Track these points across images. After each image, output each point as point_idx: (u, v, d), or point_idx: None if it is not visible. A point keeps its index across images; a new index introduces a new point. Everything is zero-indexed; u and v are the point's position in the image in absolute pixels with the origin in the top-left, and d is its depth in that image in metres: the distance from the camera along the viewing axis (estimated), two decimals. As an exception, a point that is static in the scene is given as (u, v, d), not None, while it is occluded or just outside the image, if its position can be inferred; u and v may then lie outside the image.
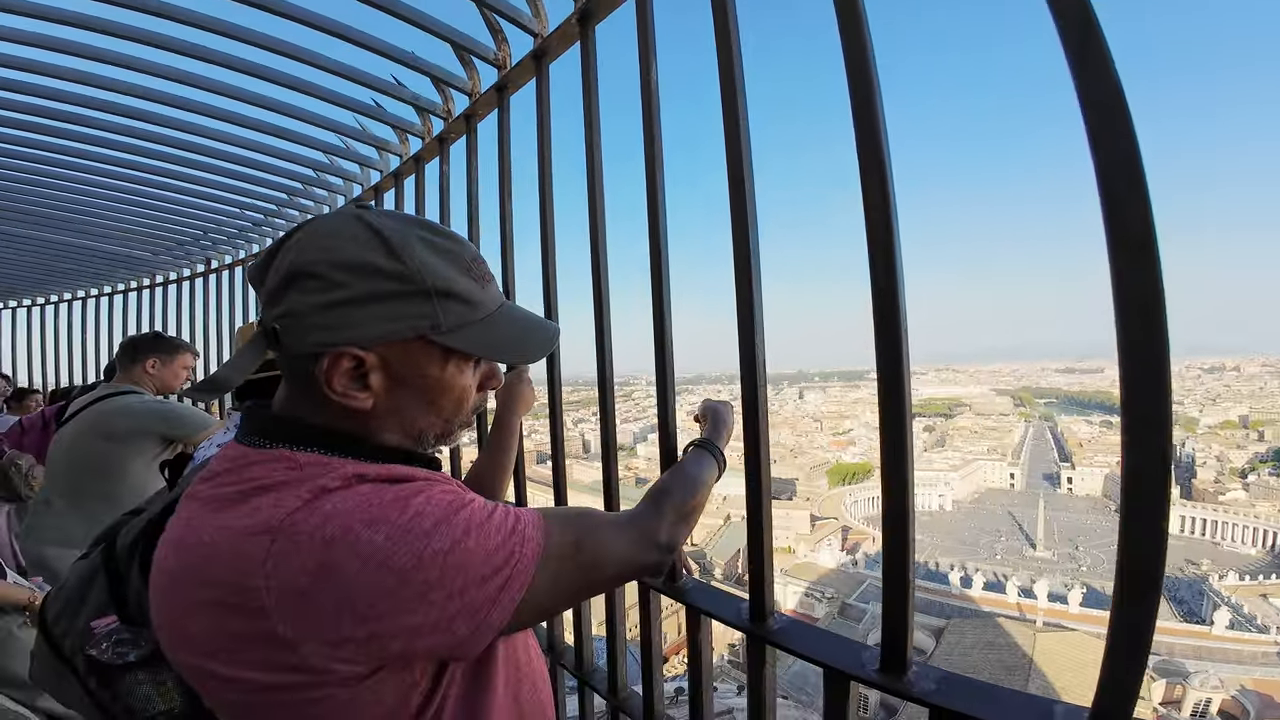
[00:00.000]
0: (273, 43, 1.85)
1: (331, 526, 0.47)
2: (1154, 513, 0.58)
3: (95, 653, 0.57)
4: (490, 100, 1.73)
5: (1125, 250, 0.57)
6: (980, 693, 0.73)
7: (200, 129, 2.58)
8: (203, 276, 4.47)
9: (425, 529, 0.49)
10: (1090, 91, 0.58)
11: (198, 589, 0.49)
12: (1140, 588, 0.59)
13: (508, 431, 1.32)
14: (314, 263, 0.52)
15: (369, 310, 0.53)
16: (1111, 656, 0.62)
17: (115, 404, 2.02)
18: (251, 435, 0.58)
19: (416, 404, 0.59)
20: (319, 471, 0.53)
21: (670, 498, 0.72)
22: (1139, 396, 0.58)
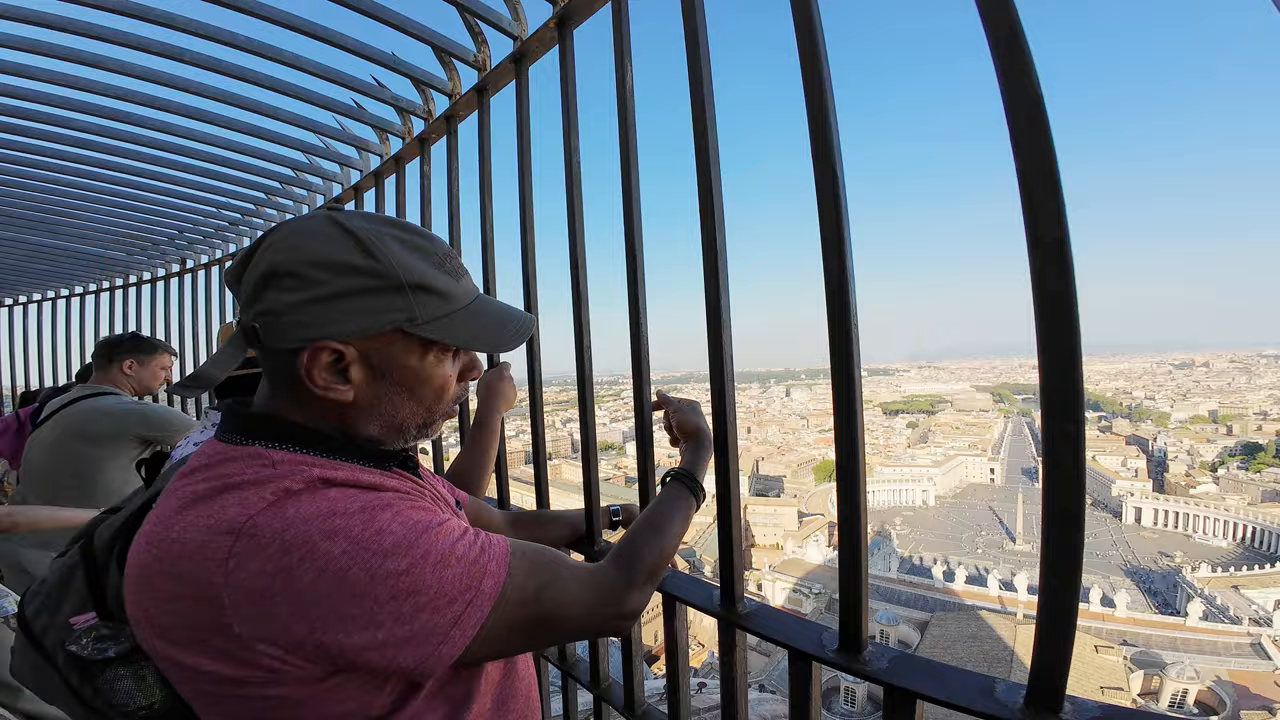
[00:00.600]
0: (250, 44, 1.84)
1: (292, 533, 0.49)
2: (1070, 502, 0.62)
3: (75, 648, 0.58)
4: (470, 102, 1.75)
5: (1040, 249, 0.62)
6: (928, 670, 0.78)
7: (176, 129, 2.55)
8: (178, 276, 4.39)
9: (385, 547, 0.50)
10: (1014, 98, 0.63)
11: (166, 582, 0.50)
12: (1062, 569, 0.64)
13: (488, 429, 1.34)
14: (290, 262, 0.55)
15: (345, 305, 0.55)
16: (1041, 635, 0.66)
17: (94, 405, 2.00)
18: (230, 432, 0.60)
19: (397, 395, 0.61)
20: (287, 471, 0.54)
21: (641, 560, 0.71)
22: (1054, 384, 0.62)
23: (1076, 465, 0.62)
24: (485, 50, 1.66)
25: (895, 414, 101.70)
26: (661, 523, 0.80)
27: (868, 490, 0.81)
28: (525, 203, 1.52)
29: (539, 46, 1.44)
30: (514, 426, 33.62)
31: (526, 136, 1.50)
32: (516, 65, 1.50)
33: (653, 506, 0.85)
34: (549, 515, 1.35)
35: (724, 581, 1.00)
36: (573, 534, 1.30)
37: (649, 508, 0.86)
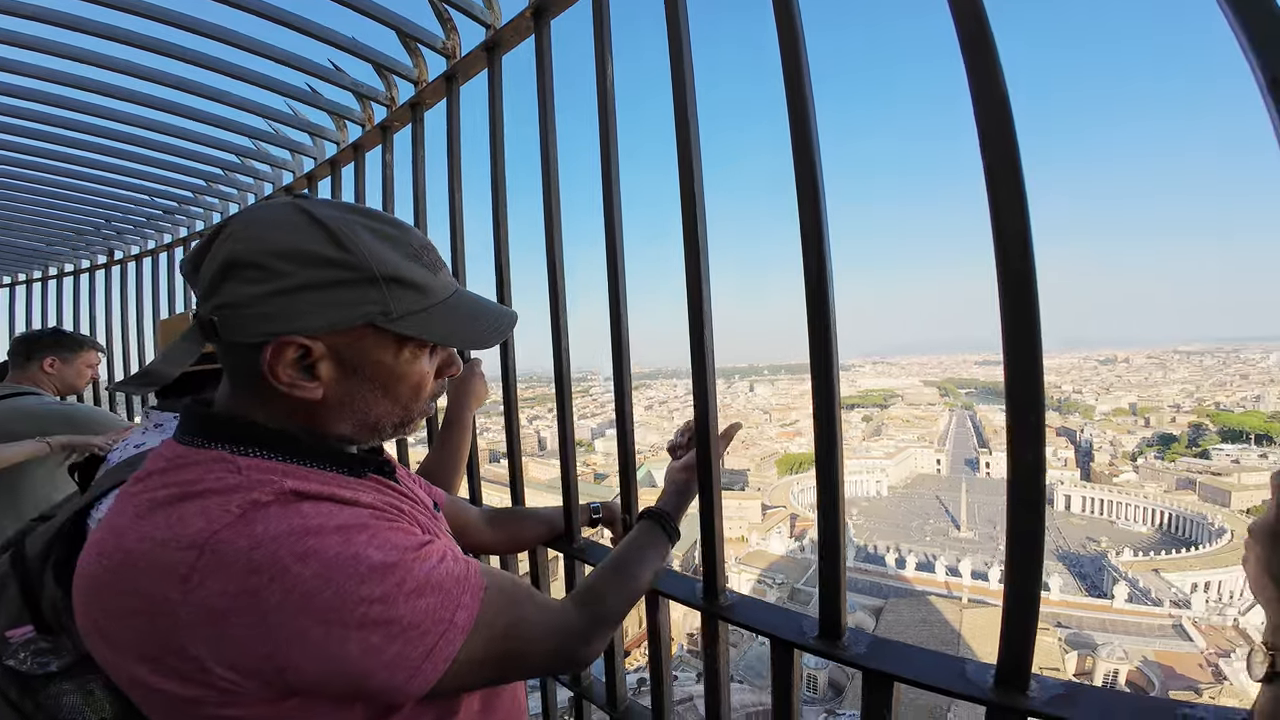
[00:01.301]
0: (190, 21, 1.71)
1: (261, 553, 0.45)
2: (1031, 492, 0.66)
3: (14, 663, 0.54)
4: (439, 90, 1.69)
5: (1003, 243, 0.65)
6: (904, 654, 0.81)
7: (103, 110, 2.33)
8: (105, 268, 4.06)
9: (359, 572, 0.47)
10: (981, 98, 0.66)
11: (119, 596, 0.47)
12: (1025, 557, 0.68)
13: (460, 427, 1.30)
14: (252, 252, 0.51)
15: (313, 298, 0.52)
16: (1007, 619, 0.70)
17: (12, 406, 1.82)
18: (189, 434, 0.55)
19: (371, 393, 0.57)
20: (255, 480, 0.50)
21: (606, 609, 0.71)
22: (1018, 378, 0.66)
23: (1037, 456, 0.65)
24: (455, 38, 1.61)
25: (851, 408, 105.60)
26: (632, 569, 0.80)
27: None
28: (498, 196, 1.48)
29: (513, 36, 1.41)
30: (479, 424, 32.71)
31: (500, 127, 1.46)
32: (489, 54, 1.46)
33: (626, 547, 0.84)
34: (527, 513, 1.32)
35: (706, 575, 1.01)
36: (551, 532, 1.28)
37: (622, 547, 0.85)
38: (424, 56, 1.76)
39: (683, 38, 0.99)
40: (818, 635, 0.87)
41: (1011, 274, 0.64)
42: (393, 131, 1.99)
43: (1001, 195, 0.64)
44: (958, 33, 0.67)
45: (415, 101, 1.79)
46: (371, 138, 2.09)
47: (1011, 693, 0.70)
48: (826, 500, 0.84)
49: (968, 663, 0.77)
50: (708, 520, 1.00)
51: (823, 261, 0.81)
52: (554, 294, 1.29)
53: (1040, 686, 0.70)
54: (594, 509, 1.29)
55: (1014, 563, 0.68)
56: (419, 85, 1.78)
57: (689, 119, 0.97)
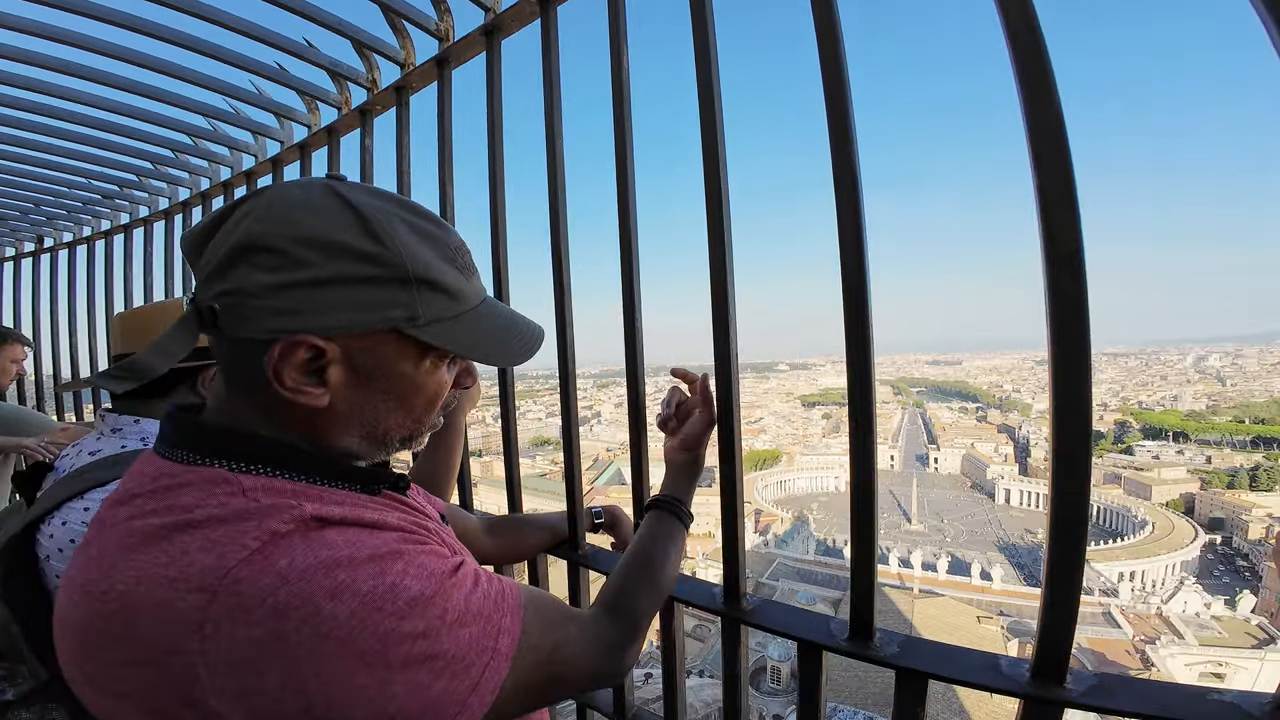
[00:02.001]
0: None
1: (287, 591, 0.40)
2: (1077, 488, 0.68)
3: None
4: (428, 73, 1.60)
5: (1056, 261, 0.66)
6: (937, 653, 0.82)
7: (33, 83, 2.09)
8: (33, 256, 3.69)
9: (399, 607, 0.42)
10: (1035, 117, 0.67)
11: (115, 646, 0.41)
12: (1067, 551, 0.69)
13: (453, 430, 1.23)
14: (274, 235, 0.45)
15: (335, 294, 0.46)
16: (1046, 612, 0.71)
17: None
18: (178, 447, 0.48)
19: (383, 403, 0.52)
20: (267, 505, 0.44)
21: (640, 613, 0.69)
22: (1067, 386, 0.67)
23: (1084, 456, 0.67)
24: (449, 19, 1.53)
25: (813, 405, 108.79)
26: (657, 564, 0.77)
27: (789, 478, 0.85)
28: (496, 190, 1.42)
29: (515, 21, 1.35)
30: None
31: (498, 118, 1.40)
32: (488, 38, 1.39)
33: (644, 542, 0.81)
34: (527, 519, 1.27)
35: (727, 578, 1.00)
36: (553, 539, 1.24)
37: (640, 543, 0.81)
38: (411, 37, 1.67)
39: (709, 32, 0.96)
40: (848, 637, 0.86)
41: (1063, 295, 0.65)
42: (373, 116, 1.88)
43: (1057, 218, 0.65)
44: (1011, 51, 0.67)
45: (400, 85, 1.70)
46: (348, 121, 1.97)
47: (1049, 685, 0.71)
48: (860, 504, 0.84)
49: (1001, 658, 0.78)
50: (730, 523, 0.98)
51: (862, 269, 0.81)
52: (559, 293, 1.25)
53: (1075, 679, 0.71)
54: (595, 513, 1.26)
55: (1054, 557, 0.69)
56: (405, 68, 1.68)
57: (715, 117, 0.95)
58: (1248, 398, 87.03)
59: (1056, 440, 0.67)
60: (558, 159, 1.24)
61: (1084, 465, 0.66)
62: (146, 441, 1.02)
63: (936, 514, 60.03)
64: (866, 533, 0.84)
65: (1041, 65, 0.65)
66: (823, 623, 0.91)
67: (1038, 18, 0.66)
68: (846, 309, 0.82)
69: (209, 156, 2.68)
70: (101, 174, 2.86)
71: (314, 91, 2.04)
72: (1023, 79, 0.66)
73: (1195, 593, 30.23)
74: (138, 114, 2.34)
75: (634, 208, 1.10)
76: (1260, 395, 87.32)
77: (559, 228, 1.24)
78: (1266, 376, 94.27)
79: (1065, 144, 0.65)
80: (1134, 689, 0.69)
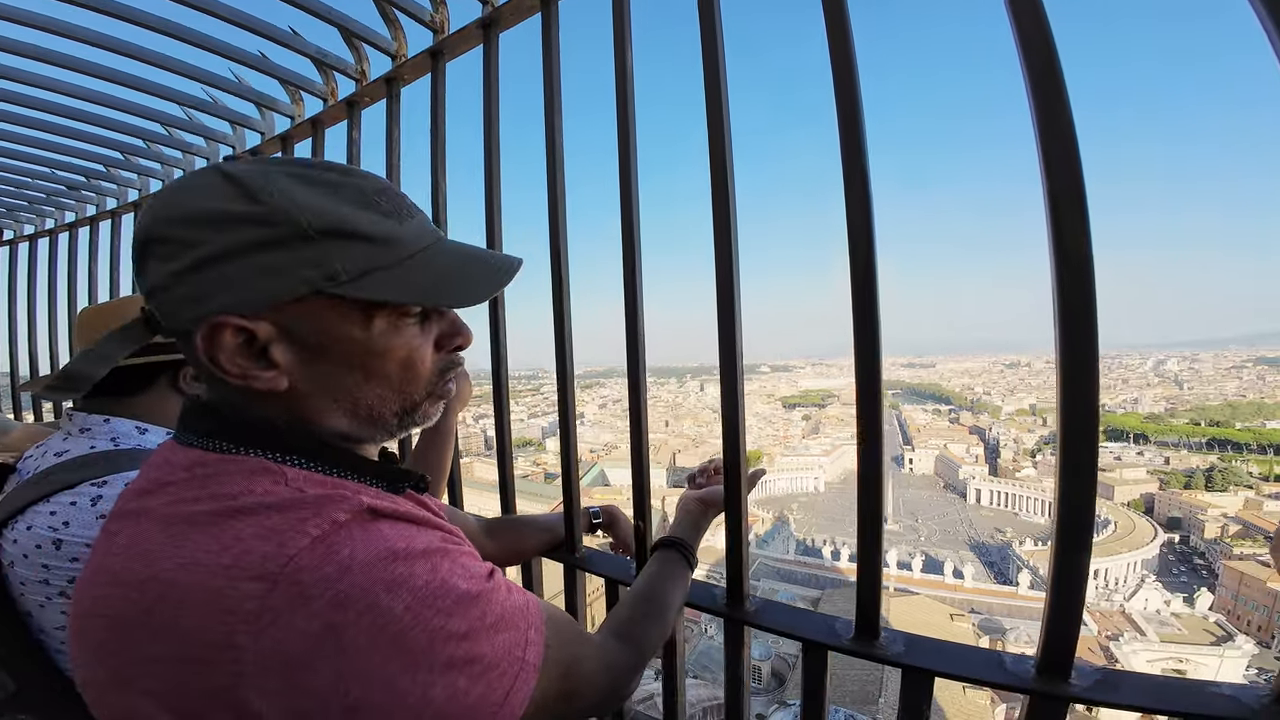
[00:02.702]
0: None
1: (348, 582, 0.38)
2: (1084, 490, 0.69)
3: None
4: (421, 65, 1.56)
5: (1066, 266, 0.67)
6: (940, 651, 0.82)
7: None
8: (-12, 248, 3.50)
9: (448, 605, 0.41)
10: (1046, 123, 0.68)
11: (154, 639, 0.38)
12: (1073, 548, 0.70)
13: (442, 431, 1.20)
14: (162, 223, 0.43)
15: (235, 268, 0.42)
16: (1051, 609, 0.72)
17: None
18: (210, 436, 0.46)
19: (349, 376, 0.47)
20: (317, 495, 0.43)
21: (647, 645, 0.69)
22: (1075, 390, 0.68)
23: (1091, 459, 0.68)
24: (444, 11, 1.49)
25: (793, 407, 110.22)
26: (664, 600, 0.79)
27: (769, 479, 0.86)
28: (491, 183, 1.39)
29: (513, 15, 1.32)
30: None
31: (495, 113, 1.37)
32: (485, 31, 1.37)
33: (653, 579, 0.82)
34: (525, 521, 1.25)
35: (730, 579, 0.99)
36: (552, 541, 1.22)
37: (649, 579, 0.82)
38: (403, 28, 1.63)
39: (717, 33, 0.96)
40: (853, 636, 0.87)
41: (1070, 304, 0.66)
42: (360, 107, 1.83)
43: (1067, 225, 0.66)
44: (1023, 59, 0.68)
45: (391, 76, 1.65)
46: (334, 113, 1.92)
47: (1055, 681, 0.72)
48: (866, 507, 0.84)
49: (1005, 655, 0.79)
50: (734, 525, 0.97)
51: (871, 276, 0.81)
52: (557, 293, 1.23)
53: (1079, 674, 0.72)
54: (593, 513, 1.24)
55: (1060, 557, 0.70)
56: (397, 59, 1.64)
57: (723, 117, 0.94)
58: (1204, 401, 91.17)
59: (1064, 443, 0.68)
60: (557, 156, 1.22)
61: (1090, 468, 0.67)
62: (118, 442, 0.97)
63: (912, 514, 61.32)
64: (873, 535, 0.84)
65: (1054, 75, 0.66)
66: (827, 623, 0.91)
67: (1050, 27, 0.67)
68: (856, 317, 0.82)
69: (183, 147, 2.58)
70: (67, 164, 2.73)
71: (298, 81, 1.98)
72: (1034, 87, 0.67)
73: (1156, 590, 31.47)
74: (107, 101, 2.23)
75: (637, 206, 1.09)
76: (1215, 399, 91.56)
77: (558, 226, 1.22)
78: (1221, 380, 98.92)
79: (1076, 151, 0.66)
80: (1136, 683, 0.70)
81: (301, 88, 1.99)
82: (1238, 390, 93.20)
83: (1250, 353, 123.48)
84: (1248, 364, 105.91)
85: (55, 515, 0.84)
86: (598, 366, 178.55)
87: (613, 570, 1.17)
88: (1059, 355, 0.68)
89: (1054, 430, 0.66)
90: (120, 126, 2.42)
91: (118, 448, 0.96)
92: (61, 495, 0.86)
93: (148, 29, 1.73)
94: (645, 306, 1.11)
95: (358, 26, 1.65)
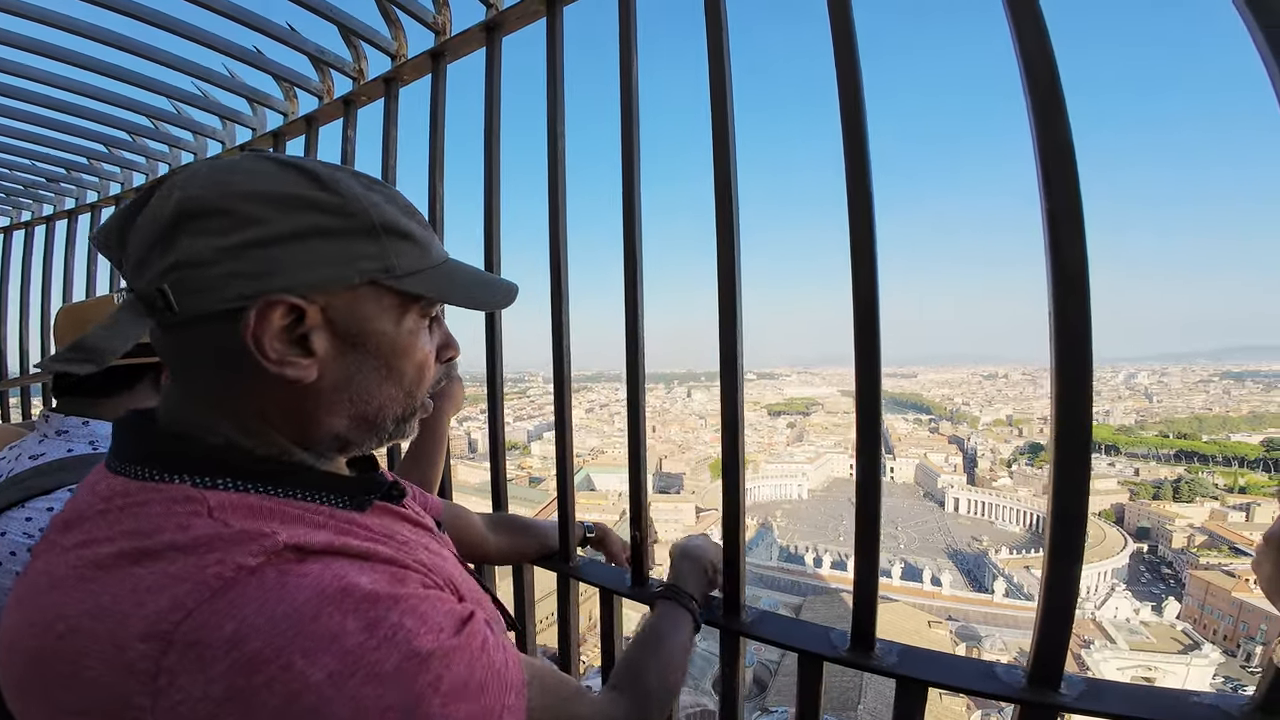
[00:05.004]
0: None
1: (254, 644, 0.33)
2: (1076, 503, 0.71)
3: None
4: (420, 66, 1.56)
5: (1063, 284, 0.69)
6: (933, 661, 0.84)
7: None
8: (-42, 237, 3.37)
9: (388, 669, 0.35)
10: (1045, 141, 0.70)
11: (63, 686, 0.36)
12: (1065, 560, 0.72)
13: (436, 436, 1.18)
14: (217, 196, 0.40)
15: (301, 249, 0.41)
16: (1042, 620, 0.74)
17: None
18: (133, 461, 0.43)
19: (374, 372, 0.47)
20: (236, 530, 0.38)
21: (654, 690, 0.67)
22: (1069, 404, 0.70)
23: (1084, 472, 0.70)
24: (447, 13, 1.49)
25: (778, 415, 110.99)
26: (669, 657, 0.76)
27: (754, 485, 0.87)
28: (491, 187, 1.38)
29: (518, 19, 1.33)
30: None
31: (496, 117, 1.37)
32: (488, 34, 1.37)
33: (656, 630, 0.79)
34: (531, 525, 1.24)
35: (727, 591, 0.99)
36: (545, 549, 1.21)
37: (651, 629, 0.80)
38: (403, 27, 1.62)
39: (723, 36, 0.97)
40: (849, 648, 0.87)
41: (1066, 321, 0.69)
42: (357, 106, 1.81)
43: (1065, 241, 0.68)
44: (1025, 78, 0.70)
45: (390, 76, 1.64)
46: (329, 111, 1.90)
47: (1045, 690, 0.74)
48: (864, 519, 0.85)
49: (996, 665, 0.80)
50: (731, 536, 0.98)
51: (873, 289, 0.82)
52: (556, 299, 1.23)
53: (1067, 684, 0.74)
54: (587, 528, 1.24)
55: (1052, 568, 0.72)
56: (397, 59, 1.63)
57: (727, 124, 0.96)
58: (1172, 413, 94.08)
59: (1058, 456, 0.70)
60: (559, 161, 1.22)
61: (1083, 480, 0.69)
62: (97, 445, 0.94)
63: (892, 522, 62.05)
64: (870, 547, 0.86)
65: (1055, 95, 0.68)
66: (823, 634, 0.92)
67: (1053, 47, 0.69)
68: (857, 329, 0.84)
69: (169, 141, 2.53)
70: (47, 155, 2.64)
71: (293, 78, 1.95)
72: (1035, 104, 0.69)
73: (1125, 599, 32.26)
74: (91, 92, 2.17)
75: (639, 212, 1.09)
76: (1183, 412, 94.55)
77: (558, 234, 1.23)
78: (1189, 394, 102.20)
79: (1074, 169, 0.68)
80: (1122, 693, 0.72)
81: (296, 84, 1.97)
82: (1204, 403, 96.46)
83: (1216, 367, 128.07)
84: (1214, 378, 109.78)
85: (31, 522, 0.82)
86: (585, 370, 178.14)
87: (607, 580, 1.17)
88: (1054, 371, 0.70)
89: (1029, 441, 0.67)
90: (104, 119, 2.36)
91: (96, 451, 0.93)
92: (37, 501, 0.83)
93: (137, 19, 1.69)
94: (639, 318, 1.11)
95: (357, 25, 1.64)
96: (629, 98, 1.09)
